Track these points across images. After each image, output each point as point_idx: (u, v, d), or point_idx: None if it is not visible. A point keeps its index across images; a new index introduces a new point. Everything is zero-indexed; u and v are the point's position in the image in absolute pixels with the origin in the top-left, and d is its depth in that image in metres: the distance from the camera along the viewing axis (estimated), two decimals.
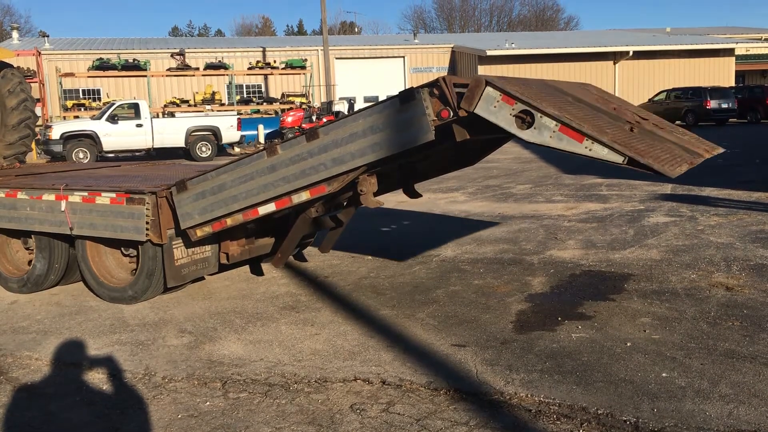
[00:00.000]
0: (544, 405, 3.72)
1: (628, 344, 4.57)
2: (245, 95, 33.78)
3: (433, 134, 4.43)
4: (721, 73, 38.32)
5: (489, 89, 4.26)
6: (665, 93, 33.00)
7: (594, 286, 6.05)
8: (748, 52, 42.48)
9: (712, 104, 30.21)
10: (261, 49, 36.75)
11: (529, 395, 3.85)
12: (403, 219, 9.90)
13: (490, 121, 4.29)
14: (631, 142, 4.29)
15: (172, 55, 32.00)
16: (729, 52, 38.91)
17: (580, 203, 10.64)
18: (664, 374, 4.05)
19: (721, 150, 5.81)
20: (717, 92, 30.92)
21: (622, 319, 5.09)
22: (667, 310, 5.28)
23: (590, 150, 4.09)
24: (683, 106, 31.39)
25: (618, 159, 4.03)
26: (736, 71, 39.82)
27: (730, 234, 7.87)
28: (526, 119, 4.21)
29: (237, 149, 25.00)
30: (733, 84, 37.26)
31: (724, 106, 30.38)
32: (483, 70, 35.32)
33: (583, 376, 4.07)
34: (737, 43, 40.44)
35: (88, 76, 30.59)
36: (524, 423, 3.54)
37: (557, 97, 4.70)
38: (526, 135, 4.23)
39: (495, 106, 4.26)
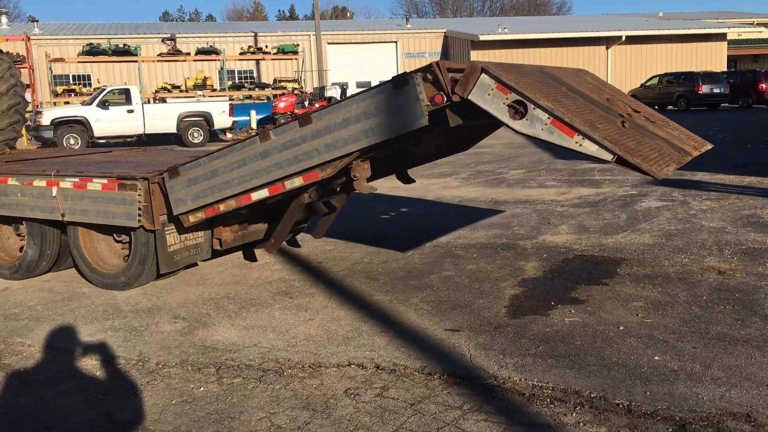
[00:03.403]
0: (538, 389, 3.74)
1: (621, 328, 4.59)
2: (237, 80, 33.51)
3: (426, 119, 4.41)
4: (714, 58, 38.30)
5: (484, 76, 4.24)
6: (657, 78, 32.99)
7: (587, 270, 6.06)
8: (740, 37, 42.45)
9: (704, 89, 30.21)
10: (252, 34, 36.45)
11: (522, 379, 3.86)
12: (396, 204, 9.88)
13: (483, 108, 4.28)
14: (621, 139, 4.32)
15: (163, 40, 31.70)
16: (721, 37, 38.86)
17: (572, 188, 10.66)
18: (656, 357, 4.08)
19: (709, 146, 5.85)
20: (709, 77, 30.92)
21: (614, 303, 5.11)
22: (660, 294, 5.30)
23: (580, 145, 4.13)
24: (675, 91, 31.39)
25: (607, 157, 4.09)
26: (729, 56, 39.81)
27: (722, 218, 7.90)
28: (519, 109, 4.22)
29: (229, 135, 24.86)
30: (725, 69, 37.27)
31: (716, 90, 30.39)
32: (476, 55, 35.17)
33: (576, 360, 4.09)
34: (729, 27, 40.39)
35: (78, 62, 30.29)
36: (518, 407, 3.56)
37: (552, 88, 4.69)
38: (518, 125, 4.24)
39: (489, 94, 4.25)
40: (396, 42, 38.66)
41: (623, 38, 36.95)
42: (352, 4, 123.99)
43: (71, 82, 32.12)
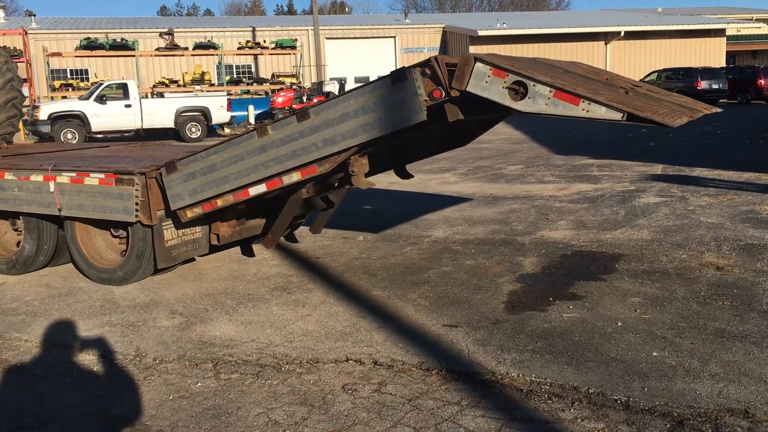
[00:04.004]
0: (536, 385, 3.74)
1: (619, 324, 4.58)
2: (235, 75, 33.46)
3: (425, 114, 4.40)
4: (712, 54, 38.30)
5: (479, 65, 4.23)
6: (656, 73, 32.96)
7: (585, 266, 6.06)
8: (739, 33, 42.44)
9: (703, 85, 30.17)
10: (251, 28, 36.38)
11: (520, 375, 3.86)
12: (394, 200, 9.87)
13: (483, 97, 4.26)
14: (627, 100, 4.27)
15: (160, 35, 31.62)
16: (720, 33, 38.86)
17: (571, 184, 10.65)
18: (654, 353, 4.07)
19: (718, 110, 5.78)
20: (708, 73, 30.89)
21: (613, 299, 5.11)
22: (658, 289, 5.30)
23: (587, 111, 4.04)
24: (674, 87, 31.24)
25: (617, 116, 3.98)
26: (727, 52, 39.80)
27: (721, 214, 7.90)
28: (519, 90, 4.18)
29: (227, 130, 24.83)
30: (724, 64, 37.26)
31: (715, 86, 30.36)
32: (474, 51, 35.05)
33: (574, 356, 4.09)
34: (728, 23, 40.38)
35: (76, 56, 30.22)
36: (516, 403, 3.56)
37: (548, 69, 4.67)
38: (521, 105, 4.20)
39: (486, 81, 4.23)
40: (395, 37, 38.60)
41: (622, 34, 36.94)
42: None
43: (69, 76, 32.05)
